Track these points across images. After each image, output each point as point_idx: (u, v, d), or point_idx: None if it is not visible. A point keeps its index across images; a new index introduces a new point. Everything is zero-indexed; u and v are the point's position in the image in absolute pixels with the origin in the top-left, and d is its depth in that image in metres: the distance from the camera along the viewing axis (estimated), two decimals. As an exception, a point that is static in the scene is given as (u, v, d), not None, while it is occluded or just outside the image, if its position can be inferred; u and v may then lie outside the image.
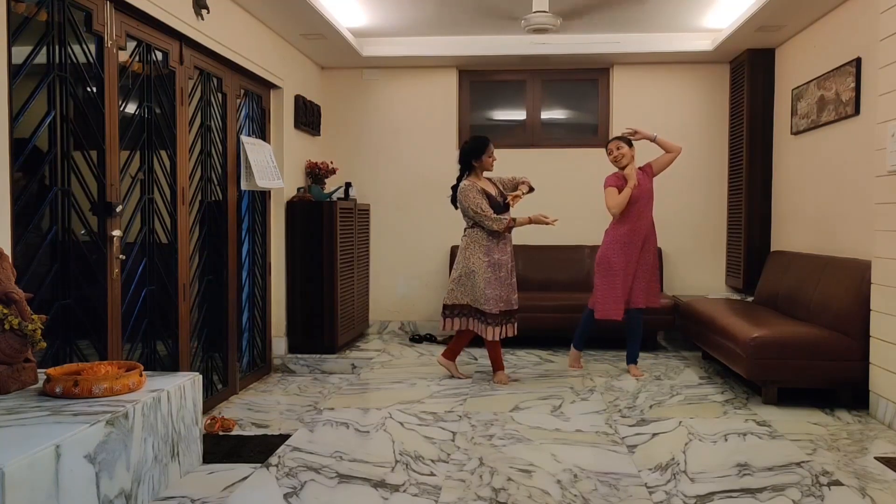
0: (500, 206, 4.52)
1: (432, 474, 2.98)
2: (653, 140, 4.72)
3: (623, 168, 4.71)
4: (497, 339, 4.50)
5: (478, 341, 4.88)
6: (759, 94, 5.72)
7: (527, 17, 4.90)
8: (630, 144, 4.72)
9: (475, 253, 4.50)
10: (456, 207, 4.63)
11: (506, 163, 6.18)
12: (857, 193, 4.34)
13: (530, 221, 4.56)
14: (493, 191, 4.56)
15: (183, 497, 2.64)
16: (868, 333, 3.85)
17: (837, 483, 2.84)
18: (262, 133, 5.13)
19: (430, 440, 3.43)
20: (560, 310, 5.68)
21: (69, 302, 2.97)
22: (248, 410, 4.02)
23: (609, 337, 5.73)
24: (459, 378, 4.69)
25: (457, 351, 4.76)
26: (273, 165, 4.93)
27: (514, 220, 4.51)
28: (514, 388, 4.48)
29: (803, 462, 3.08)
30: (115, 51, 3.25)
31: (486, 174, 4.65)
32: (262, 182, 4.65)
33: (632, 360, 4.87)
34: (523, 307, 5.66)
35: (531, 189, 4.66)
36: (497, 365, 4.68)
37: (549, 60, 6.19)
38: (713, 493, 2.74)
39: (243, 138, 4.64)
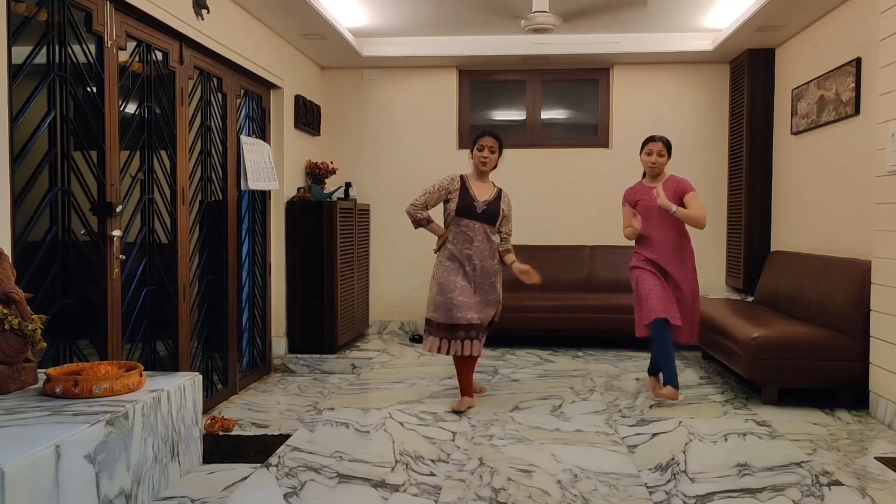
0: (474, 210, 3.98)
1: (432, 474, 2.98)
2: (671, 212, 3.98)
3: (654, 177, 4.15)
4: (430, 351, 3.97)
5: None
6: (759, 94, 5.72)
7: (527, 17, 4.90)
8: (668, 151, 4.13)
9: (438, 258, 4.10)
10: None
11: (506, 162, 6.17)
12: (857, 193, 4.34)
13: (444, 235, 4.06)
14: (481, 195, 4.02)
15: (183, 497, 2.64)
16: (868, 333, 3.85)
17: (837, 483, 2.84)
18: (262, 133, 5.13)
19: (430, 440, 3.43)
20: (560, 310, 5.68)
21: (69, 302, 2.97)
22: (248, 410, 4.02)
23: (609, 337, 5.74)
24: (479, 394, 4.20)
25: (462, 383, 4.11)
26: (270, 167, 4.93)
27: (429, 219, 4.07)
28: (513, 388, 4.47)
29: (803, 462, 3.08)
30: (115, 51, 3.25)
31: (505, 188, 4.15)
32: (254, 184, 4.64)
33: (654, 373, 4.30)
34: (523, 307, 5.69)
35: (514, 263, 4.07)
36: (463, 387, 4.06)
37: (549, 60, 6.19)
38: (713, 493, 2.74)
39: (242, 138, 4.64)
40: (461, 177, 4.06)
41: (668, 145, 4.13)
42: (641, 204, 4.13)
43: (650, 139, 4.14)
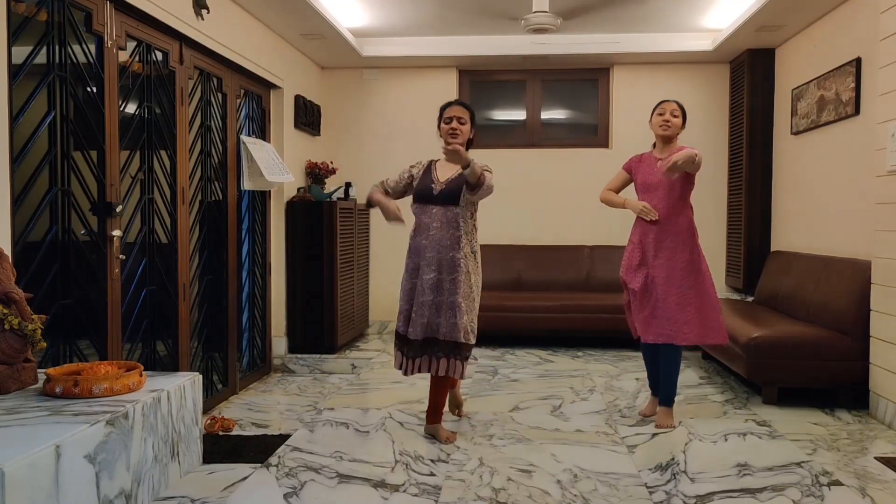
0: (430, 192, 3.38)
1: (432, 474, 2.98)
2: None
3: (667, 141, 3.67)
4: (403, 372, 3.41)
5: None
6: (759, 94, 5.72)
7: (527, 17, 4.90)
8: (684, 115, 3.70)
9: None
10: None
11: (506, 163, 6.20)
12: (857, 193, 4.34)
13: (396, 209, 3.41)
14: (444, 175, 3.42)
15: (183, 497, 2.64)
16: (868, 333, 3.85)
17: (837, 483, 2.84)
18: (262, 133, 5.13)
19: (430, 440, 3.43)
20: (560, 310, 5.68)
21: (69, 302, 2.97)
22: (248, 410, 4.02)
23: (609, 337, 5.74)
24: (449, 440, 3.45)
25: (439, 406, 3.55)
26: (279, 161, 4.94)
27: (377, 198, 3.46)
28: (513, 388, 4.47)
29: (803, 462, 3.08)
30: (115, 51, 3.25)
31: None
32: (272, 177, 4.67)
33: (662, 400, 3.72)
34: (523, 307, 5.69)
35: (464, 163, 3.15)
36: (432, 409, 3.49)
37: (549, 60, 6.19)
38: (713, 493, 2.74)
39: (245, 138, 4.64)
40: (430, 161, 3.55)
41: (682, 108, 3.69)
42: (641, 179, 3.69)
43: (662, 101, 3.73)
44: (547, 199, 6.44)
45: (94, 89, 3.16)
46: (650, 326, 3.59)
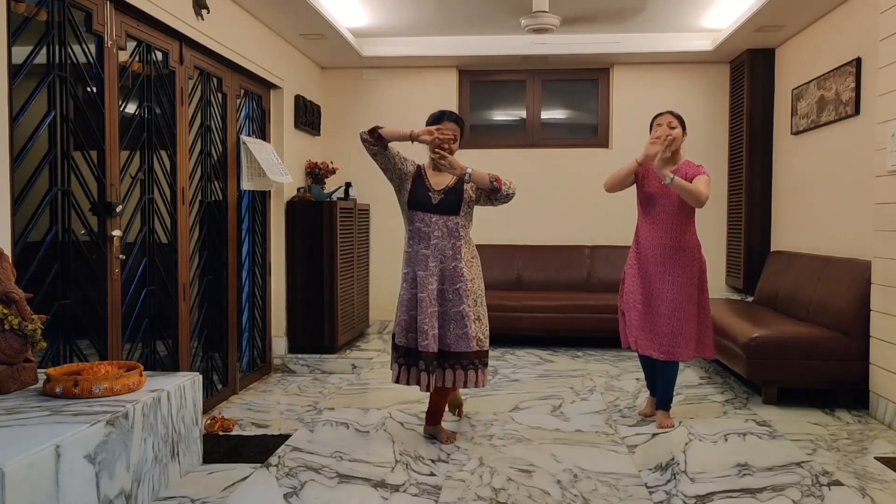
0: (428, 201, 3.35)
1: (432, 474, 2.98)
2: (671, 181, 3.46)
3: (669, 156, 3.59)
4: (423, 388, 3.27)
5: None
6: (759, 94, 5.72)
7: (527, 17, 4.90)
8: (682, 125, 3.65)
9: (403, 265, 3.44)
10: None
11: (506, 163, 6.21)
12: (857, 193, 4.34)
13: (411, 137, 3.43)
14: (438, 184, 3.40)
15: (183, 497, 2.64)
16: (868, 333, 3.85)
17: (837, 483, 2.84)
18: (262, 133, 5.13)
19: (430, 440, 3.43)
20: (560, 310, 5.68)
21: (69, 302, 2.97)
22: (248, 410, 4.02)
23: (609, 337, 5.74)
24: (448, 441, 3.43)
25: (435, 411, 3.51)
26: (278, 162, 4.95)
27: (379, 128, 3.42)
28: (514, 388, 4.48)
29: (803, 462, 3.08)
30: (115, 51, 3.25)
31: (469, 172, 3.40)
32: (273, 177, 4.70)
33: (659, 405, 3.73)
34: (523, 307, 5.69)
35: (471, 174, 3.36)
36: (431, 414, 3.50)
37: (549, 60, 6.19)
38: (713, 493, 2.74)
39: (245, 138, 4.64)
40: (418, 166, 3.50)
41: (679, 118, 3.62)
42: (647, 189, 3.64)
43: (658, 115, 3.69)
44: (547, 199, 6.44)
45: (94, 89, 3.16)
46: (652, 342, 3.58)
